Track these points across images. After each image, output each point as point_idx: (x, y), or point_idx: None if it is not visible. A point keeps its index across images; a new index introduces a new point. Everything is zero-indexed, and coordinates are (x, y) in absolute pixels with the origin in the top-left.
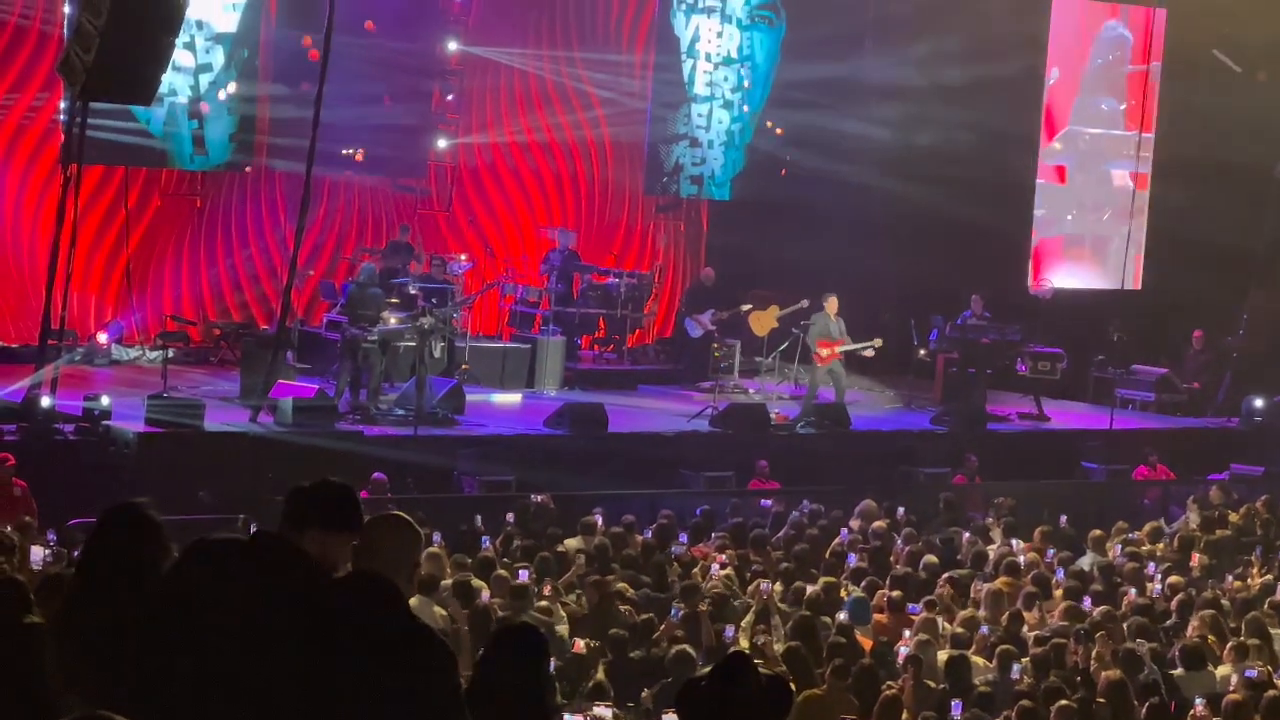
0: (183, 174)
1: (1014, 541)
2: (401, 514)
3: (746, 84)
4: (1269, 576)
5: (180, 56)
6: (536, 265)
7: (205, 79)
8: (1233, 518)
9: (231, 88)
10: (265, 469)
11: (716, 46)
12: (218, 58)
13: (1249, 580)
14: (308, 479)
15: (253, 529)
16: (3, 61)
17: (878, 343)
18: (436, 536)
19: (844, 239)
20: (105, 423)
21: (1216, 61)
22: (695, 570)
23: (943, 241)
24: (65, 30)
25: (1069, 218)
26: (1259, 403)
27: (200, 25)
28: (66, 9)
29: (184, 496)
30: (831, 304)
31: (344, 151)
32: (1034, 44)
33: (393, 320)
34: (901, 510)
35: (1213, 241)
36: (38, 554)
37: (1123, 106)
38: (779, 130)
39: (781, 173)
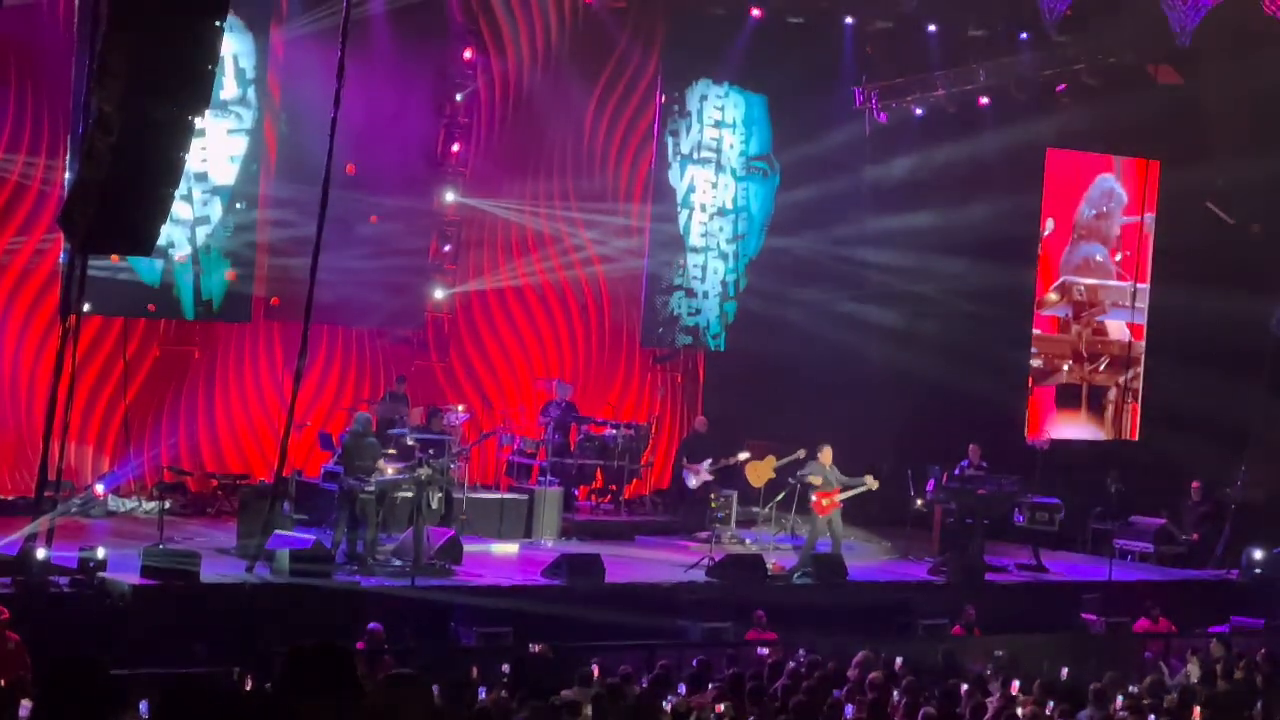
0: (181, 324)
1: (1013, 694)
2: (418, 676)
3: (741, 234)
4: None
5: (178, 209)
6: (534, 416)
7: (203, 231)
8: (1234, 672)
9: (229, 239)
10: (262, 621)
11: (712, 197)
12: (215, 210)
13: None
14: (304, 630)
15: (249, 683)
16: (5, 212)
17: (874, 483)
18: (434, 688)
19: (840, 389)
20: (100, 574)
21: (1210, 213)
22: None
23: (939, 392)
24: (65, 186)
25: (1065, 368)
26: (1258, 555)
27: (199, 177)
28: (66, 170)
29: (179, 648)
30: (826, 454)
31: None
32: (1029, 196)
33: (390, 471)
34: (899, 661)
35: (1210, 392)
36: (28, 708)
37: (1118, 257)
38: None
39: None
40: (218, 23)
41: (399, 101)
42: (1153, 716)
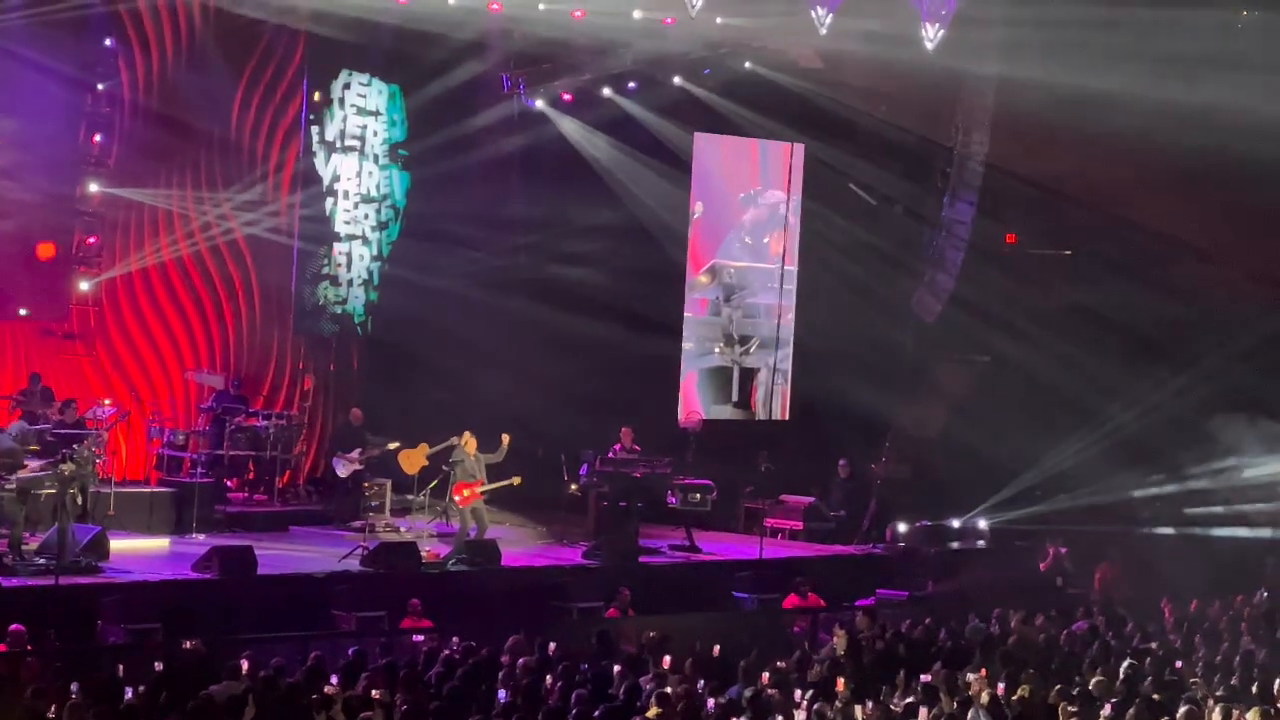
0: None
1: (665, 672)
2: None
3: (386, 222)
4: (911, 700)
5: None
6: (183, 408)
7: None
8: (878, 643)
9: None
10: None
11: (357, 185)
12: None
13: (891, 704)
14: None
15: None
16: None
17: (516, 480)
18: (74, 687)
19: (492, 375)
20: None
21: (853, 194)
22: (336, 711)
23: (592, 375)
24: None
25: (716, 350)
26: (902, 528)
27: None
28: None
29: None
30: (470, 443)
31: None
32: (679, 179)
33: (32, 467)
34: (553, 645)
35: (856, 371)
36: None
37: (766, 239)
38: None
39: None
40: None
41: (37, 91)
42: (799, 691)
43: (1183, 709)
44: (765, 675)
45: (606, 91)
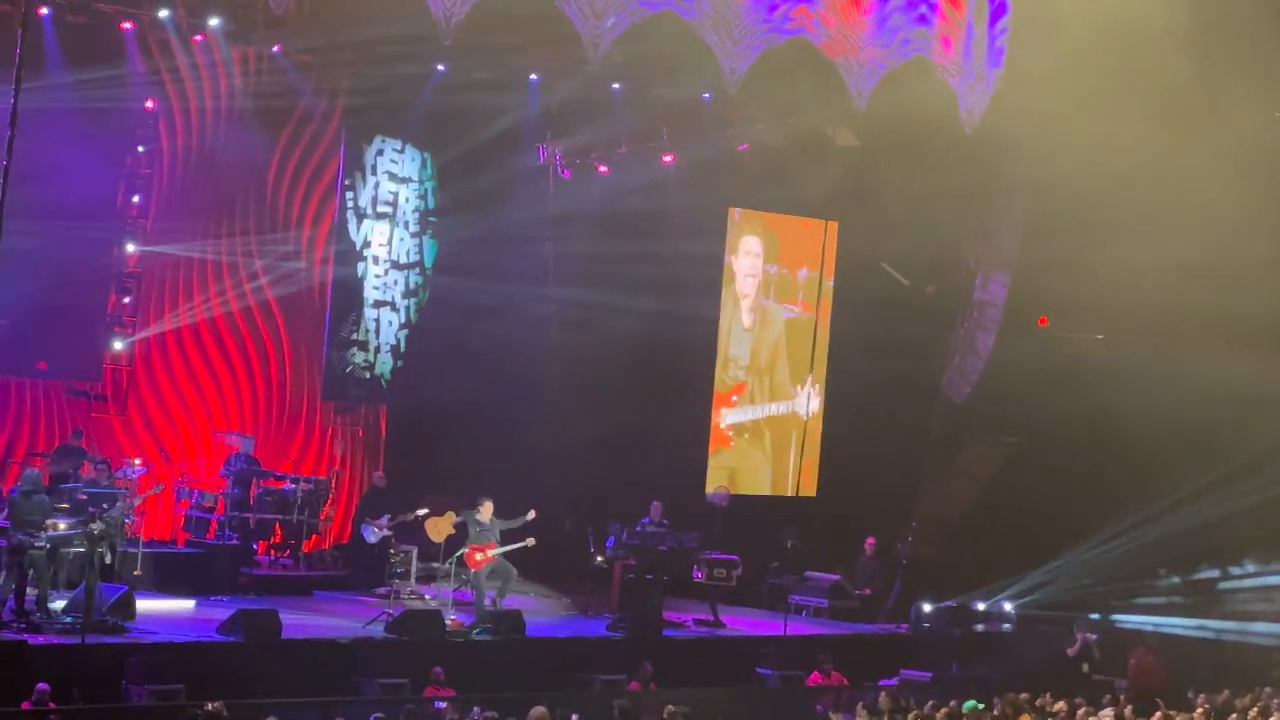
0: None
1: None
2: None
3: (415, 289)
4: None
5: None
6: (212, 469)
7: None
8: None
9: None
10: None
11: (388, 251)
12: None
13: None
14: None
15: None
16: None
17: (530, 542)
18: None
19: (524, 445)
20: None
21: (886, 274)
22: None
23: (621, 448)
24: None
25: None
26: (927, 608)
27: None
28: None
29: None
30: (486, 509)
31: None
32: (713, 255)
33: (62, 526)
34: (575, 717)
35: (883, 450)
36: None
37: (799, 314)
38: None
39: None
40: None
41: (77, 150)
42: None
43: None
44: None
45: (642, 164)
